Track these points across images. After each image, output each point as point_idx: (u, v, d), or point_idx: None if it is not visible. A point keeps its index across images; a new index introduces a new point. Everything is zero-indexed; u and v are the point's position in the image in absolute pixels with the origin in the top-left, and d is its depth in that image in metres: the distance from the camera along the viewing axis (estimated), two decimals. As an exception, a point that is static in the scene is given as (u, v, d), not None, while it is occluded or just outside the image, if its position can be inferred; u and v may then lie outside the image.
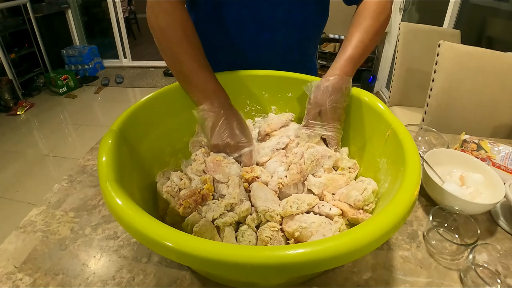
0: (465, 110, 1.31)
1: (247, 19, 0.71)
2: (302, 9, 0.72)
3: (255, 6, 0.70)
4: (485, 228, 0.57)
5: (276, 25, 0.73)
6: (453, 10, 2.14)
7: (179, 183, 0.52)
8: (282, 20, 0.72)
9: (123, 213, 0.33)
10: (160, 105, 0.59)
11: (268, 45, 0.75)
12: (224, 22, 0.73)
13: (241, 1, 0.69)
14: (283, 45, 0.76)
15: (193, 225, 0.44)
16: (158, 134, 0.58)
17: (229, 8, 0.70)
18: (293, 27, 0.74)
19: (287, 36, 0.75)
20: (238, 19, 0.72)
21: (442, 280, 0.47)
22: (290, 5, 0.71)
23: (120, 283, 0.46)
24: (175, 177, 0.53)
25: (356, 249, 0.30)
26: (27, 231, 0.55)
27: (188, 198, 0.47)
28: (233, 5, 0.70)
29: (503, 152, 0.68)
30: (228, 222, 0.46)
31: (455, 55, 1.28)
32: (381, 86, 3.22)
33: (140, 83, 3.62)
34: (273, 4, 0.70)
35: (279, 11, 0.71)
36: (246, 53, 0.75)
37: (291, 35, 0.76)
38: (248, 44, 0.75)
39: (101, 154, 0.41)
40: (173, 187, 0.51)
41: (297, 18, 0.73)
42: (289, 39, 0.76)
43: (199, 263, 0.30)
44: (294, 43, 0.78)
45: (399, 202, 0.34)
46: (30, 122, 2.87)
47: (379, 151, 0.53)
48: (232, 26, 0.73)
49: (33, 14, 3.20)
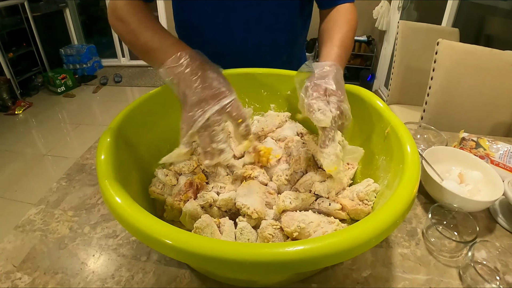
0: (464, 108, 1.31)
1: (234, 24, 0.73)
2: (288, 12, 0.73)
3: (242, 11, 0.71)
4: (484, 225, 0.58)
5: (263, 29, 0.74)
6: (452, 9, 2.14)
7: (164, 179, 0.52)
8: (269, 23, 0.73)
9: (122, 211, 0.33)
10: (158, 104, 0.59)
11: (256, 49, 0.76)
12: (212, 28, 0.74)
13: (228, 6, 0.70)
14: (271, 48, 0.78)
15: (192, 215, 0.44)
16: (157, 132, 0.58)
17: (217, 14, 0.71)
18: (280, 30, 0.75)
19: (274, 39, 0.77)
20: (226, 24, 0.73)
21: (441, 277, 0.48)
22: (276, 8, 0.72)
23: (119, 282, 0.46)
24: (161, 174, 0.53)
25: (355, 246, 0.30)
26: (26, 230, 0.55)
27: (186, 192, 0.47)
28: (221, 10, 0.71)
29: (502, 149, 0.68)
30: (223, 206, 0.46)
31: (454, 53, 1.28)
32: (379, 84, 3.22)
33: (139, 82, 3.61)
34: (259, 8, 0.71)
35: (266, 14, 0.72)
36: (235, 58, 0.75)
37: (278, 38, 0.77)
38: (236, 49, 0.76)
39: (99, 152, 0.41)
40: (158, 185, 0.52)
41: (283, 21, 0.74)
42: (276, 42, 0.77)
43: (198, 260, 0.30)
44: (282, 45, 0.79)
45: (398, 199, 0.34)
46: (28, 121, 2.86)
47: (378, 149, 0.53)
48: (220, 32, 0.74)
49: (31, 13, 3.18)
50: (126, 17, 0.58)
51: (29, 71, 3.30)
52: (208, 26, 0.73)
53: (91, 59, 3.79)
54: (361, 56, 3.22)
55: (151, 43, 0.54)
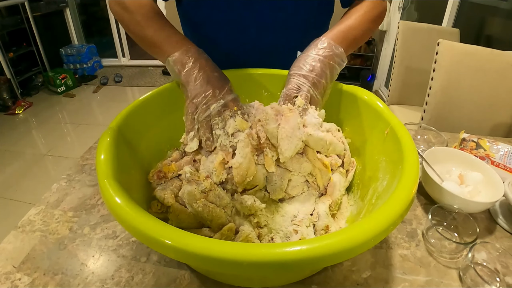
0: (464, 109, 1.31)
1: (248, 22, 0.70)
2: (305, 11, 0.71)
3: (257, 8, 0.69)
4: (484, 226, 0.58)
5: (278, 28, 0.72)
6: (452, 9, 2.14)
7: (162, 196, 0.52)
8: (284, 22, 0.71)
9: (121, 211, 0.33)
10: (158, 104, 0.59)
11: (270, 48, 0.74)
12: (225, 25, 0.72)
13: (242, 3, 0.68)
14: (285, 48, 0.74)
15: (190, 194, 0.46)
16: (157, 132, 0.58)
17: (230, 10, 0.69)
18: (295, 29, 0.73)
19: (289, 38, 0.74)
20: (240, 21, 0.71)
21: (441, 278, 0.47)
22: (292, 7, 0.69)
23: (119, 283, 0.46)
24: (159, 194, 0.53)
25: (354, 247, 0.30)
26: (26, 230, 0.55)
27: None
28: (235, 7, 0.69)
29: (502, 150, 0.68)
30: None
31: (454, 53, 1.28)
32: (380, 84, 3.22)
33: (139, 82, 3.61)
34: (275, 6, 0.69)
35: (281, 13, 0.70)
36: (248, 56, 0.75)
37: (293, 37, 0.74)
38: (249, 47, 0.74)
39: (99, 152, 0.41)
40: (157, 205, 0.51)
41: (299, 20, 0.72)
42: (291, 41, 0.74)
43: (198, 260, 0.30)
44: (296, 45, 0.76)
45: (397, 199, 0.34)
46: (29, 121, 2.86)
47: (378, 150, 0.53)
48: (234, 30, 0.72)
49: (31, 13, 3.18)
50: (132, 7, 0.58)
51: (29, 71, 3.30)
52: (221, 22, 0.72)
53: (91, 59, 3.79)
54: (361, 56, 3.22)
55: (157, 38, 0.56)
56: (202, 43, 0.61)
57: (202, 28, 0.74)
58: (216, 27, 0.73)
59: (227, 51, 0.75)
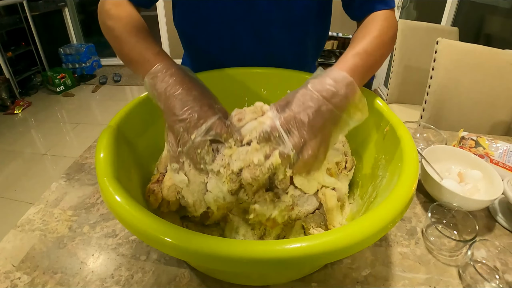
0: (463, 107, 1.31)
1: (241, 35, 0.69)
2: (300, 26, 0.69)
3: (251, 20, 0.66)
4: (484, 224, 0.58)
5: (272, 41, 0.70)
6: (451, 8, 2.14)
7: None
8: (279, 36, 0.70)
9: (121, 209, 0.33)
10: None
11: (265, 60, 0.72)
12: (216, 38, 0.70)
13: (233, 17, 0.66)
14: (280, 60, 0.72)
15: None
16: (156, 130, 0.58)
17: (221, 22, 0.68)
18: (290, 42, 0.71)
19: (284, 51, 0.72)
20: (232, 34, 0.69)
21: (441, 276, 0.48)
22: (287, 21, 0.67)
23: (119, 281, 0.46)
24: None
25: (353, 244, 0.30)
26: (25, 229, 0.55)
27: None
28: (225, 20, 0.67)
29: (501, 148, 0.68)
30: None
31: (453, 52, 1.28)
32: (379, 83, 3.22)
33: (138, 81, 3.60)
34: (268, 20, 0.66)
35: (274, 27, 0.68)
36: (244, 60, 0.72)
37: (288, 51, 0.73)
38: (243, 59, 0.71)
39: (99, 150, 0.41)
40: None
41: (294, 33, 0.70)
42: (287, 55, 0.73)
43: (198, 258, 0.30)
44: (292, 58, 0.74)
45: (397, 197, 0.34)
46: (28, 121, 2.86)
47: (377, 148, 0.53)
48: (226, 42, 0.70)
49: (30, 13, 3.18)
50: (112, 21, 0.54)
51: (28, 71, 3.29)
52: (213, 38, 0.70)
53: (90, 58, 3.79)
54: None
55: (133, 54, 0.50)
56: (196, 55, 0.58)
57: (194, 40, 0.74)
58: (208, 39, 0.72)
59: (220, 64, 0.72)
